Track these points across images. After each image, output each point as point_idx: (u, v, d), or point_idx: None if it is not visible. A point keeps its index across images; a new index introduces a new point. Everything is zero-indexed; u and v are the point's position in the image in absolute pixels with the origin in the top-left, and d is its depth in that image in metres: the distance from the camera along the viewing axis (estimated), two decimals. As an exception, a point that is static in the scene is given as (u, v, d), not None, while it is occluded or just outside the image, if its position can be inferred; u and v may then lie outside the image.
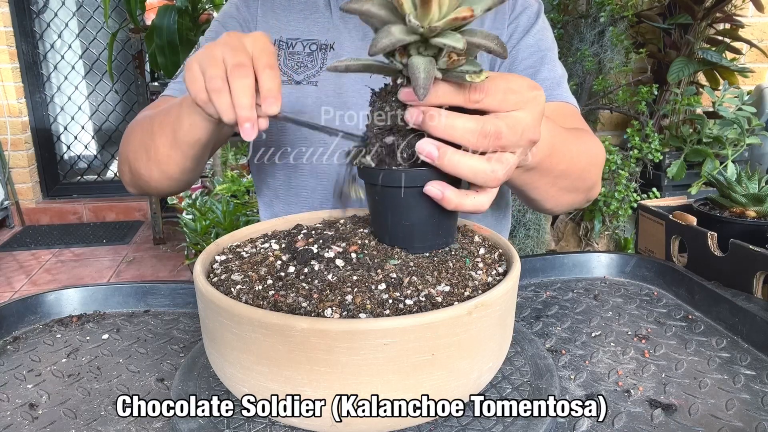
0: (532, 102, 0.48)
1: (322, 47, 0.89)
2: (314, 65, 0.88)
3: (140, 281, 0.79)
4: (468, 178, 0.47)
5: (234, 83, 0.57)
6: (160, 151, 0.75)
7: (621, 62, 2.37)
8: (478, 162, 0.47)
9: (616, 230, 2.46)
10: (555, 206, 0.77)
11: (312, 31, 0.90)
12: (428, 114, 0.46)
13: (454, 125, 0.46)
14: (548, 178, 0.68)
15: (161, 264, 3.00)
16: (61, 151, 3.83)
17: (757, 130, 2.13)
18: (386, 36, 0.42)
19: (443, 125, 0.46)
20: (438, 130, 0.46)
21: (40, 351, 0.67)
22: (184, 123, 0.69)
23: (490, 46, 0.43)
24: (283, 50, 0.90)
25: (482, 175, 0.47)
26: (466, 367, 0.45)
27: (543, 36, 0.92)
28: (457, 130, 0.46)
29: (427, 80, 0.43)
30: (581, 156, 0.73)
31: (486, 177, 0.47)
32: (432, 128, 0.46)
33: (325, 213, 0.65)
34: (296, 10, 0.91)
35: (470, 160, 0.47)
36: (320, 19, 0.90)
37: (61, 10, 3.62)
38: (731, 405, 0.55)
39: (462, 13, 0.41)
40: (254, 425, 0.49)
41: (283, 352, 0.42)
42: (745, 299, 0.73)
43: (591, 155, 0.76)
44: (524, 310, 0.75)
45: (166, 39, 2.36)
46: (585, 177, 0.76)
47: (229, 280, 0.50)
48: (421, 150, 0.47)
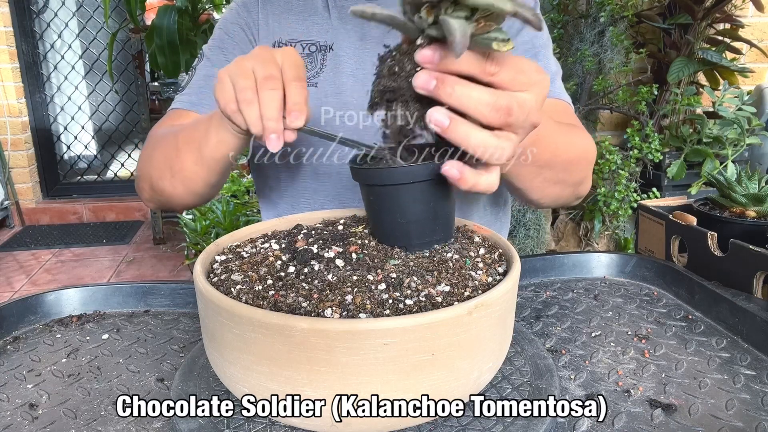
0: (538, 85, 0.47)
1: (322, 48, 0.89)
2: (314, 66, 0.88)
3: (140, 281, 0.79)
4: (476, 151, 0.46)
5: (262, 95, 0.57)
6: (185, 168, 0.75)
7: (621, 62, 2.37)
8: (489, 136, 0.45)
9: (616, 230, 2.46)
10: (541, 198, 0.77)
11: (311, 32, 0.90)
12: (441, 80, 0.44)
13: (470, 95, 0.44)
14: (532, 167, 0.68)
15: (161, 264, 3.00)
16: (61, 151, 3.83)
17: (757, 130, 2.13)
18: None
19: (457, 93, 0.44)
20: (451, 98, 0.44)
21: (40, 351, 0.66)
22: (211, 139, 0.69)
23: (528, 16, 0.41)
24: None
25: (491, 150, 0.46)
26: (466, 367, 0.45)
27: (537, 33, 0.92)
28: (472, 101, 0.44)
29: (464, 38, 0.41)
30: (569, 149, 0.73)
31: (493, 152, 0.46)
32: (445, 95, 0.44)
33: (325, 213, 0.65)
34: (294, 12, 0.91)
35: (481, 133, 0.45)
36: (319, 20, 0.90)
37: (61, 10, 3.62)
38: (731, 405, 0.55)
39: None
40: (254, 425, 0.49)
41: (283, 352, 0.42)
42: (745, 299, 0.73)
43: (579, 149, 0.76)
44: (524, 310, 0.75)
45: (166, 39, 2.36)
46: (571, 170, 0.75)
47: (229, 280, 0.50)
48: (432, 118, 0.45)
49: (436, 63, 0.44)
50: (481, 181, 0.48)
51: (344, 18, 0.89)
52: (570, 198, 0.81)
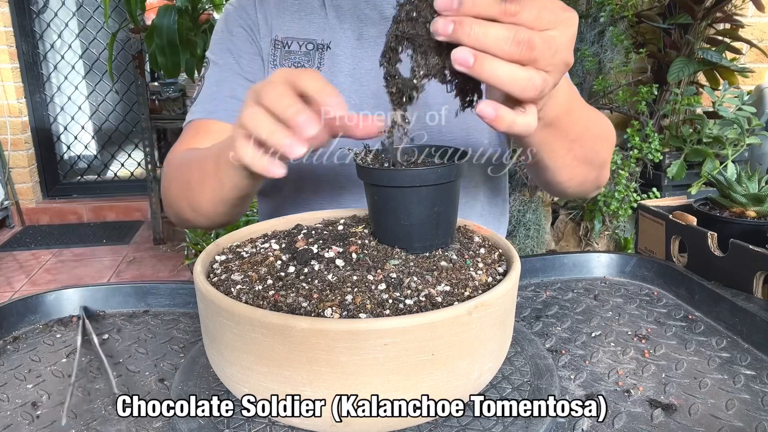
0: (565, 22, 0.47)
1: (319, 47, 0.89)
2: (311, 65, 0.88)
3: (140, 281, 0.79)
4: (505, 85, 0.45)
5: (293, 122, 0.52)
6: (203, 206, 0.74)
7: (621, 62, 2.37)
8: (516, 68, 0.45)
9: (616, 230, 2.46)
10: (569, 180, 0.76)
11: (308, 30, 0.90)
12: (459, 21, 0.44)
13: (487, 32, 0.44)
14: (565, 140, 0.67)
15: (161, 264, 3.00)
16: (61, 151, 3.83)
17: (757, 130, 2.13)
18: None
19: (475, 32, 0.44)
20: (470, 37, 0.44)
21: (40, 351, 0.66)
22: (225, 185, 0.67)
23: None
24: (279, 50, 0.89)
25: (520, 83, 0.45)
26: (466, 367, 0.45)
27: None
28: (489, 38, 0.44)
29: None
30: (595, 125, 0.73)
31: (524, 85, 0.45)
32: (464, 36, 0.44)
33: (325, 213, 0.65)
34: (291, 11, 0.91)
35: (508, 65, 0.45)
36: (316, 19, 0.90)
37: (61, 10, 3.62)
38: (731, 405, 0.55)
39: None
40: (254, 425, 0.49)
41: (283, 352, 0.42)
42: (745, 299, 0.73)
43: (603, 128, 0.77)
44: (524, 310, 0.75)
45: (166, 39, 2.35)
46: (598, 149, 0.76)
47: (229, 280, 0.50)
48: (456, 57, 0.45)
49: (455, 9, 0.44)
50: (518, 121, 0.47)
51: (341, 17, 0.89)
52: (593, 184, 0.81)
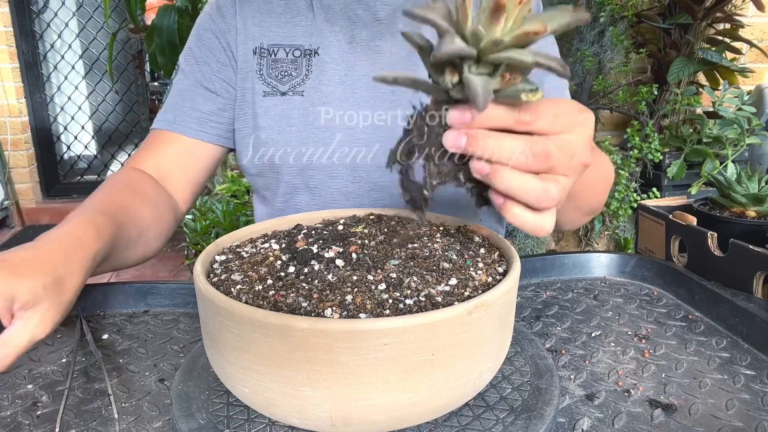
0: (581, 125, 0.46)
1: (306, 53, 0.85)
2: (299, 73, 0.85)
3: (140, 281, 0.79)
4: (520, 196, 0.45)
5: None
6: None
7: (621, 62, 2.37)
8: (530, 180, 0.44)
9: (616, 230, 2.46)
10: (570, 227, 0.80)
11: (294, 35, 0.86)
12: (472, 135, 0.44)
13: (502, 145, 0.44)
14: (576, 201, 0.69)
15: (161, 264, 3.00)
16: (61, 151, 3.83)
17: (757, 130, 2.13)
18: (450, 43, 0.40)
19: (490, 145, 0.44)
20: (485, 151, 0.44)
21: (40, 351, 0.66)
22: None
23: (554, 65, 0.41)
24: (264, 58, 0.86)
25: (534, 194, 0.45)
26: (467, 367, 0.45)
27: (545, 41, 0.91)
28: (505, 150, 0.44)
29: (486, 95, 0.41)
30: (603, 178, 0.75)
31: (538, 196, 0.45)
32: (477, 149, 0.44)
33: (325, 213, 0.65)
34: (275, 14, 0.86)
35: (523, 177, 0.44)
36: (302, 22, 0.86)
37: (61, 10, 3.61)
38: (731, 405, 0.55)
39: (534, 28, 0.39)
40: (254, 425, 0.49)
41: (283, 352, 0.42)
42: (745, 299, 0.73)
43: (608, 175, 0.79)
44: (524, 310, 0.75)
45: (166, 39, 2.35)
46: (601, 199, 0.78)
47: (229, 280, 0.50)
48: (474, 166, 0.45)
49: (468, 122, 0.44)
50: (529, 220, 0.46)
51: (331, 19, 0.85)
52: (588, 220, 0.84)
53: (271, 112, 0.86)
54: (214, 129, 0.89)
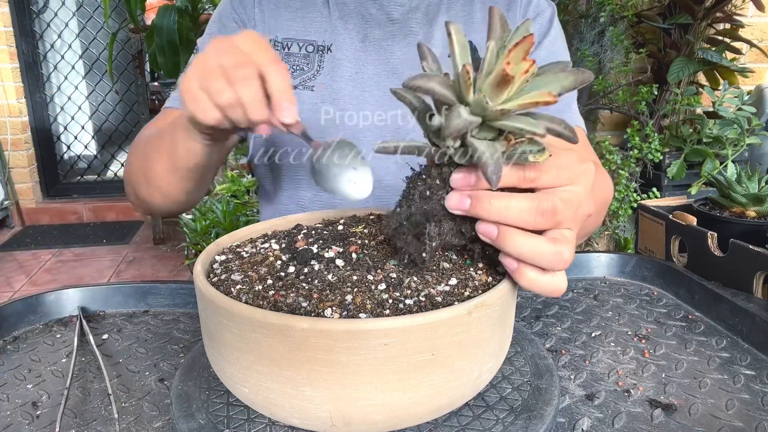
0: (583, 176, 0.45)
1: (319, 49, 0.86)
2: (311, 68, 0.85)
3: (140, 281, 0.79)
4: (531, 260, 0.44)
5: (241, 91, 0.53)
6: (158, 177, 0.74)
7: (621, 62, 2.37)
8: (542, 243, 0.43)
9: (616, 230, 2.46)
10: None
11: (309, 31, 0.87)
12: (476, 197, 0.43)
13: (509, 206, 0.42)
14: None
15: (161, 264, 3.00)
16: (61, 151, 3.83)
17: (757, 130, 2.12)
18: (458, 118, 0.39)
19: (496, 208, 0.42)
20: (491, 213, 0.43)
21: (40, 351, 0.66)
22: (179, 149, 0.66)
23: (562, 131, 0.40)
24: (278, 51, 0.87)
25: (547, 257, 0.43)
26: (467, 367, 0.45)
27: (556, 47, 0.89)
28: (512, 211, 0.42)
29: (497, 166, 0.40)
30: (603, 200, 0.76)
31: (551, 259, 0.43)
32: (484, 212, 0.43)
33: (325, 213, 0.65)
34: (292, 9, 0.87)
35: (533, 240, 0.43)
36: (318, 18, 0.87)
37: (61, 10, 3.62)
38: (731, 405, 0.55)
39: (544, 98, 0.38)
40: (254, 425, 0.49)
41: (283, 352, 0.42)
42: (745, 299, 0.73)
43: (608, 195, 0.79)
44: (524, 310, 0.75)
45: (166, 39, 2.35)
46: (600, 219, 0.79)
47: (229, 280, 0.50)
48: (480, 229, 0.44)
49: (473, 185, 0.43)
50: (541, 281, 0.45)
51: (345, 16, 0.86)
52: None
53: None
54: None
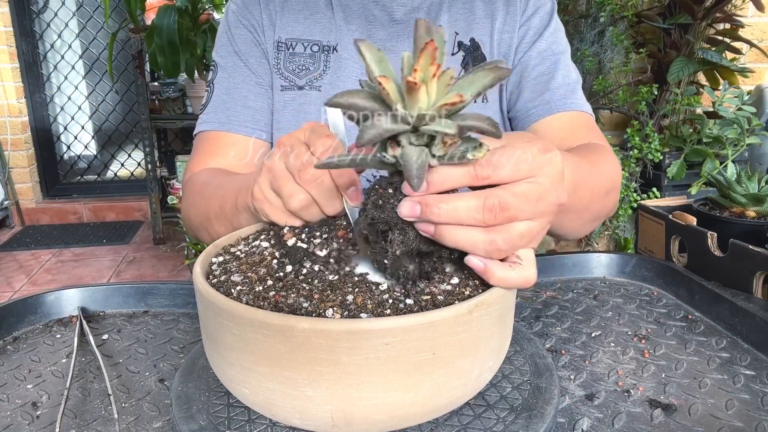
0: (547, 165, 0.45)
1: (325, 49, 0.87)
2: (316, 68, 0.86)
3: (140, 281, 0.79)
4: (468, 249, 0.45)
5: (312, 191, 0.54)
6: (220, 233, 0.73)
7: (621, 62, 2.37)
8: (476, 233, 0.44)
9: (616, 230, 2.46)
10: (580, 234, 0.79)
11: (313, 31, 0.87)
12: (425, 203, 0.44)
13: (457, 207, 0.43)
14: (573, 214, 0.68)
15: (161, 264, 3.00)
16: (61, 151, 3.83)
17: (757, 130, 2.13)
18: (372, 127, 0.40)
19: (445, 210, 0.43)
20: (440, 216, 0.43)
21: (40, 351, 0.66)
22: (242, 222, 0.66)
23: (483, 127, 0.41)
24: (282, 52, 0.88)
25: (482, 246, 0.44)
26: (467, 366, 0.45)
27: (556, 38, 0.90)
28: (460, 211, 0.43)
29: (420, 170, 0.41)
30: (602, 183, 0.73)
31: (486, 248, 0.44)
32: (434, 217, 0.44)
33: None
34: (295, 10, 0.88)
35: (467, 231, 0.44)
36: (321, 19, 0.88)
37: (61, 10, 3.61)
38: (731, 405, 0.55)
39: (452, 99, 0.39)
40: (255, 426, 0.49)
41: (284, 352, 0.42)
42: (745, 299, 0.73)
43: (611, 180, 0.76)
44: (524, 310, 0.75)
45: (166, 39, 2.35)
46: (606, 203, 0.76)
47: (228, 281, 0.50)
48: (420, 228, 0.45)
49: (424, 190, 0.44)
50: (511, 276, 0.45)
51: (348, 17, 0.87)
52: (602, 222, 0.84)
53: (288, 107, 0.87)
54: (268, 126, 0.90)
